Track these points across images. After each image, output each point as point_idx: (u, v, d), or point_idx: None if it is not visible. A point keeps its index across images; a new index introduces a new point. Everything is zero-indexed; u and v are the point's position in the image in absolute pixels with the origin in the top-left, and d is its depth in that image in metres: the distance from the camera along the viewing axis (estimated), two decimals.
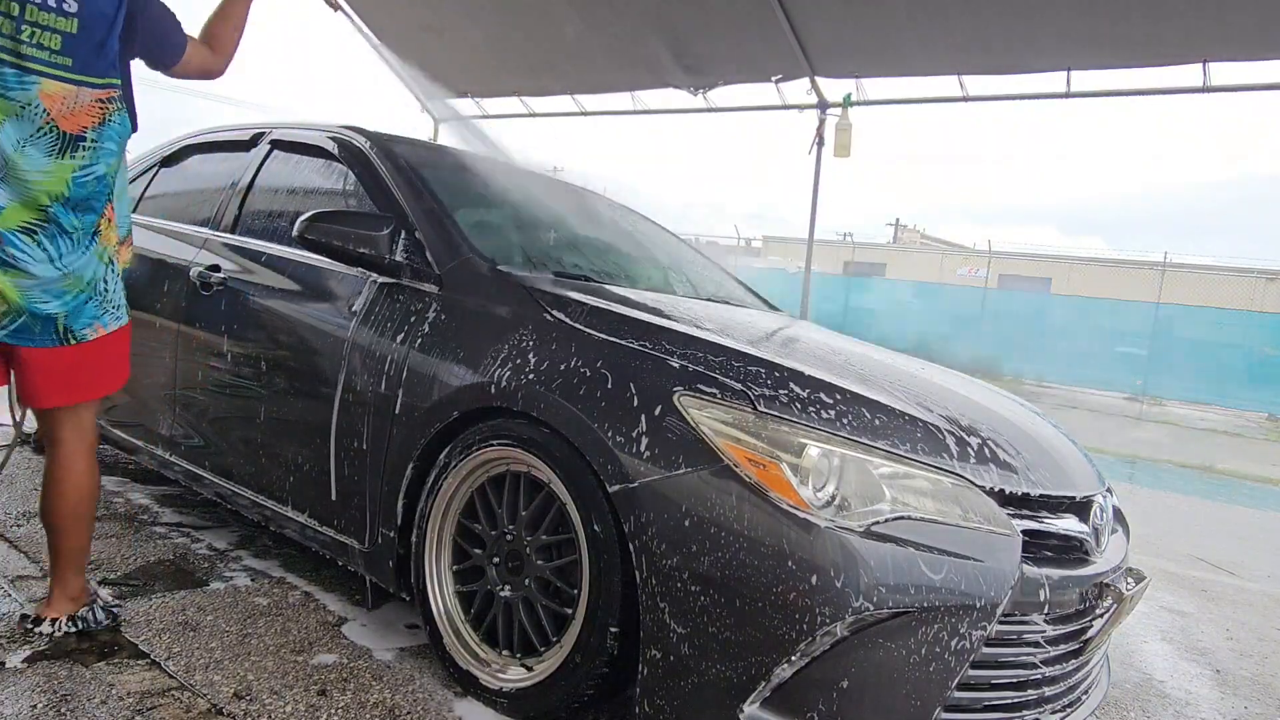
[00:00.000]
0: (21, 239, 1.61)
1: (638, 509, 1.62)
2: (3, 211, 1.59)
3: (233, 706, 1.76)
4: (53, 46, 1.58)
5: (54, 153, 1.61)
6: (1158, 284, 15.66)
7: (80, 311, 1.71)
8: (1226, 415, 14.55)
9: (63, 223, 1.63)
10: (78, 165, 1.64)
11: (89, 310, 1.73)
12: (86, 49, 1.61)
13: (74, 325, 1.71)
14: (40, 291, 1.63)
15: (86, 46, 1.60)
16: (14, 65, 1.57)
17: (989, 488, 1.69)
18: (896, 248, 30.25)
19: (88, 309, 1.72)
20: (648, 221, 3.44)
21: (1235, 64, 4.77)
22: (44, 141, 1.60)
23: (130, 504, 3.00)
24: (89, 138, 1.64)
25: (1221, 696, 2.60)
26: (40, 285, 1.63)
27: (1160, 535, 4.75)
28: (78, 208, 1.66)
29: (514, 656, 1.87)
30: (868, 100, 6.03)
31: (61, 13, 1.58)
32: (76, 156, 1.63)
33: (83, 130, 1.63)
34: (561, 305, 1.98)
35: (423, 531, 1.99)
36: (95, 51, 1.62)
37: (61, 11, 1.58)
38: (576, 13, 6.02)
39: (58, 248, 1.63)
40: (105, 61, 1.64)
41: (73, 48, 1.60)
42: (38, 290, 1.63)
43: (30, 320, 1.65)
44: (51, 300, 1.65)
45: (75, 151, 1.63)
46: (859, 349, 2.37)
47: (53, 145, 1.61)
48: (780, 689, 1.53)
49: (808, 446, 1.58)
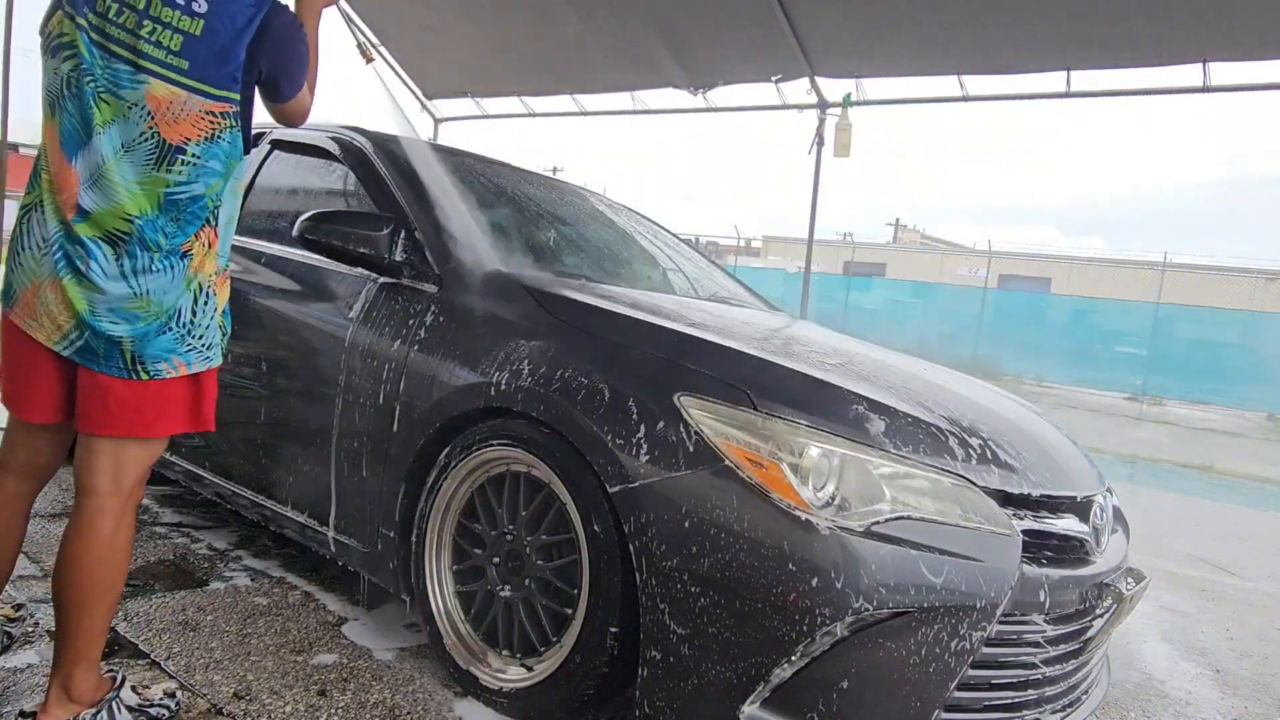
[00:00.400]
0: (101, 248, 1.44)
1: (638, 509, 1.62)
2: (89, 217, 1.44)
3: (233, 706, 1.76)
4: (172, 46, 1.44)
5: (150, 163, 1.45)
6: (1158, 284, 15.65)
7: (152, 341, 1.48)
8: (1226, 415, 14.55)
9: (147, 239, 1.46)
10: (173, 181, 1.47)
11: (163, 342, 1.50)
12: (207, 54, 1.46)
13: (143, 356, 1.48)
14: (107, 310, 1.45)
15: (208, 51, 1.46)
16: (130, 61, 1.43)
17: (989, 488, 1.69)
18: (896, 248, 30.25)
19: (162, 340, 1.49)
20: (647, 221, 3.44)
21: (1235, 64, 4.77)
22: (142, 149, 1.45)
23: None
24: (190, 151, 1.47)
25: (1222, 696, 2.60)
26: (109, 303, 1.44)
27: (1160, 535, 4.75)
28: (166, 227, 1.48)
29: (514, 656, 1.87)
30: (868, 100, 6.02)
31: (189, 11, 1.44)
32: (173, 171, 1.46)
33: (185, 142, 1.46)
34: (561, 305, 1.98)
35: (423, 531, 1.99)
36: (217, 58, 1.46)
37: (189, 10, 1.44)
38: (576, 13, 6.02)
39: (135, 264, 1.45)
40: (225, 72, 1.48)
41: (193, 50, 1.45)
42: (104, 308, 1.44)
43: (93, 339, 1.46)
44: (120, 323, 1.45)
45: (172, 165, 1.46)
46: (859, 349, 2.37)
47: (150, 154, 1.45)
48: (780, 689, 1.53)
49: (808, 446, 1.58)
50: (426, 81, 7.92)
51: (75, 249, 1.44)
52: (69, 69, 1.44)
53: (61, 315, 1.46)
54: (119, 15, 1.43)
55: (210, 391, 1.61)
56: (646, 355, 1.79)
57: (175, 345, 1.52)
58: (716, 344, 1.85)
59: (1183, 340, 15.53)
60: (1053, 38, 4.97)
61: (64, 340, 1.47)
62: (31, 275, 1.48)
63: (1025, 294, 20.18)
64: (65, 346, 1.48)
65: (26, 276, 1.48)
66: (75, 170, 1.44)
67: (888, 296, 19.46)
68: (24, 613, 1.91)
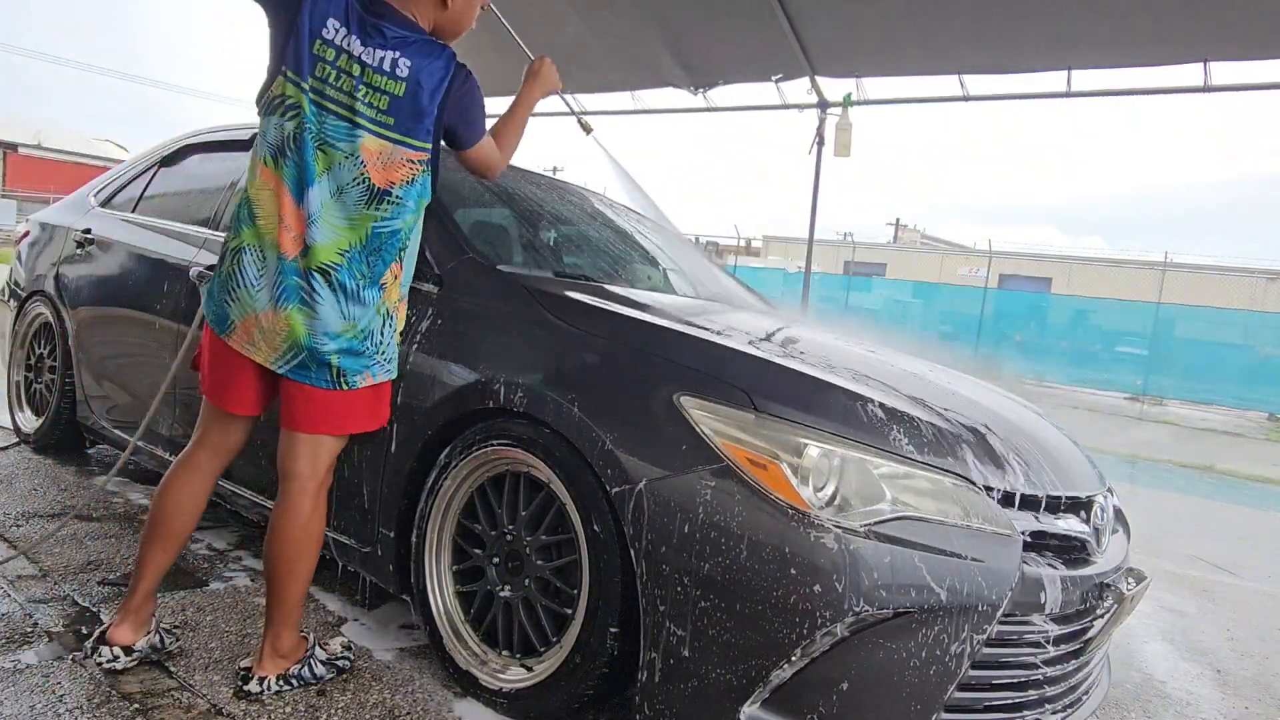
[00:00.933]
0: (316, 279, 1.69)
1: (638, 509, 1.62)
2: (313, 250, 1.68)
3: (233, 706, 1.76)
4: (380, 106, 1.70)
5: (362, 202, 1.70)
6: (1158, 284, 15.65)
7: (353, 360, 1.75)
8: (1226, 415, 14.55)
9: (355, 268, 1.71)
10: (380, 217, 1.72)
11: (360, 359, 1.76)
12: (408, 113, 1.71)
13: (346, 370, 1.74)
14: (323, 333, 1.70)
15: (409, 110, 1.71)
16: (347, 120, 1.69)
17: (990, 488, 1.68)
18: (897, 247, 30.25)
19: (360, 359, 1.76)
20: (647, 221, 3.44)
21: (1235, 64, 4.76)
22: (356, 190, 1.70)
23: (130, 504, 3.00)
24: (394, 194, 1.72)
25: (1222, 697, 2.60)
26: (324, 326, 1.70)
27: (1160, 535, 4.74)
28: (370, 257, 1.73)
29: (514, 657, 1.87)
30: (868, 100, 6.02)
31: (394, 77, 1.70)
32: (381, 209, 1.72)
33: (390, 185, 1.72)
34: (561, 305, 1.98)
35: (422, 532, 1.98)
36: (415, 116, 1.71)
37: (394, 76, 1.70)
38: (576, 13, 6.01)
39: (346, 292, 1.71)
40: (422, 127, 1.73)
41: (397, 110, 1.70)
42: (321, 332, 1.70)
43: (308, 359, 1.71)
44: (329, 342, 1.71)
45: (381, 204, 1.71)
46: (859, 349, 2.37)
47: (363, 195, 1.70)
48: (780, 689, 1.53)
49: (808, 446, 1.58)
50: None
51: (300, 281, 1.69)
52: (293, 126, 1.69)
53: (278, 339, 1.71)
54: (338, 80, 1.69)
55: (386, 395, 1.88)
56: (646, 355, 1.79)
57: (368, 362, 1.78)
58: (716, 344, 1.85)
59: (1183, 340, 15.53)
60: (1053, 38, 4.96)
61: (280, 360, 1.72)
62: (248, 308, 1.71)
63: (1025, 294, 20.17)
64: (281, 365, 1.73)
65: (244, 310, 1.72)
66: (302, 211, 1.69)
67: (888, 296, 19.46)
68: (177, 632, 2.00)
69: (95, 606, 2.13)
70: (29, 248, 3.69)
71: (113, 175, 3.66)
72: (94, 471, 3.33)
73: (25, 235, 3.79)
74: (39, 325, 3.53)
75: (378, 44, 1.70)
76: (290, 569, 1.80)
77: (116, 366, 3.07)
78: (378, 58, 1.70)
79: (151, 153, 3.52)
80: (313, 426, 1.77)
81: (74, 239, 3.37)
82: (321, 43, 1.69)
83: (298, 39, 1.68)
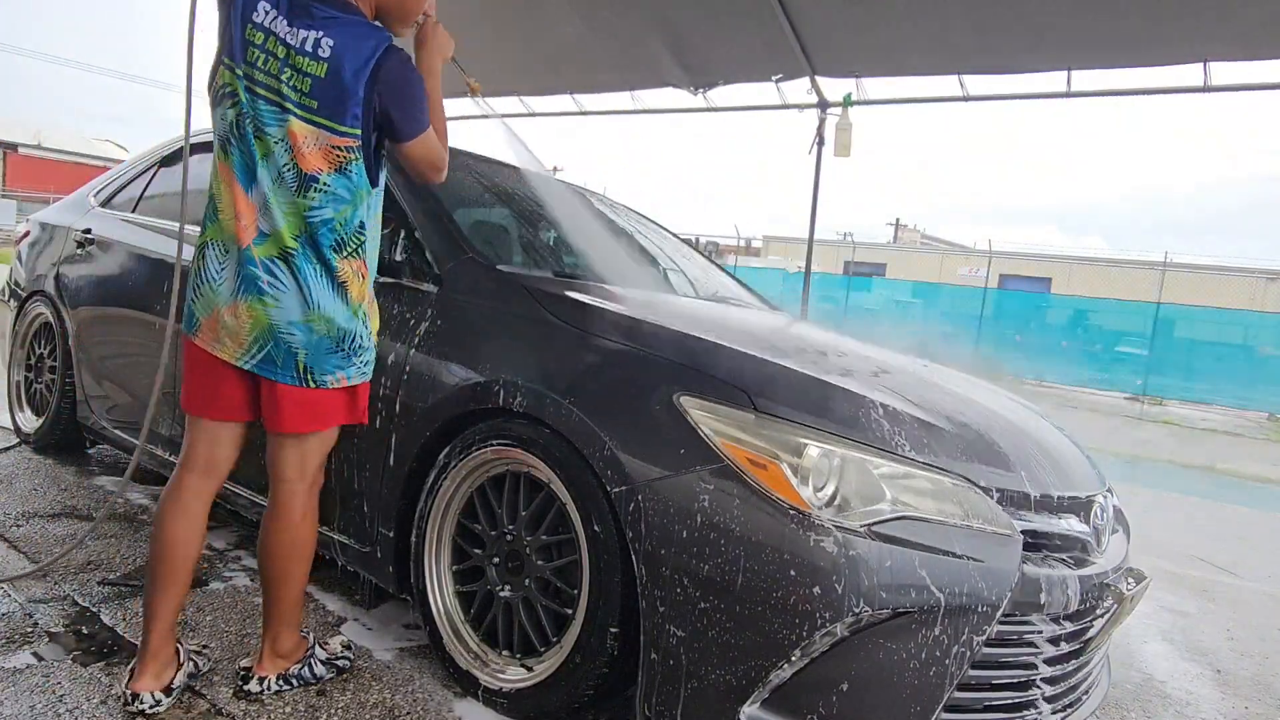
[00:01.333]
0: (277, 266, 1.67)
1: (638, 509, 1.62)
2: (265, 240, 1.66)
3: (233, 707, 1.76)
4: (303, 89, 1.65)
5: (294, 189, 1.67)
6: (1158, 284, 15.65)
7: (323, 358, 1.71)
8: (1226, 415, 14.54)
9: (303, 257, 1.68)
10: (308, 205, 1.67)
11: (333, 360, 1.72)
12: (332, 95, 1.65)
13: (314, 368, 1.71)
14: (286, 323, 1.67)
15: (332, 93, 1.65)
16: (276, 104, 1.65)
17: (989, 487, 1.68)
18: (897, 247, 30.25)
19: (332, 359, 1.72)
20: (647, 221, 3.44)
21: (1235, 64, 4.76)
22: (288, 176, 1.67)
23: (130, 504, 3.00)
24: (321, 180, 1.67)
25: (1222, 696, 2.60)
26: (287, 316, 1.67)
27: (1160, 535, 4.74)
28: (309, 245, 1.69)
29: (514, 657, 1.87)
30: (868, 100, 6.01)
31: (315, 57, 1.65)
32: (309, 196, 1.67)
33: (317, 171, 1.67)
34: (561, 305, 1.98)
35: (422, 532, 1.98)
36: (338, 99, 1.65)
37: (315, 56, 1.65)
38: (576, 13, 6.01)
39: (305, 280, 1.67)
40: (347, 111, 1.66)
41: (320, 92, 1.65)
42: (284, 321, 1.67)
43: (274, 351, 1.68)
44: (296, 334, 1.68)
45: (308, 191, 1.67)
46: (858, 348, 2.37)
47: (294, 182, 1.67)
48: (780, 690, 1.53)
49: (808, 446, 1.58)
50: None
51: (254, 270, 1.66)
52: (233, 114, 1.67)
53: (242, 333, 1.68)
54: (265, 64, 1.65)
55: (364, 393, 1.84)
56: (646, 355, 1.79)
57: (342, 363, 1.74)
58: (716, 344, 1.85)
59: (1183, 340, 15.53)
60: (1053, 38, 4.96)
61: (245, 355, 1.69)
62: (211, 304, 1.69)
63: (1025, 294, 20.17)
64: (247, 361, 1.69)
65: (207, 306, 1.69)
66: (251, 200, 1.67)
67: (888, 296, 19.46)
68: (207, 651, 1.96)
69: (95, 606, 2.13)
70: (29, 248, 3.69)
71: (113, 175, 3.66)
72: (94, 472, 3.33)
73: (25, 235, 3.79)
74: (39, 325, 3.53)
75: (303, 24, 1.65)
76: (285, 571, 1.80)
77: (117, 366, 3.07)
78: (301, 38, 1.65)
79: (151, 153, 3.52)
80: (290, 425, 1.73)
81: (74, 239, 3.37)
82: (252, 27, 1.65)
83: (232, 25, 1.67)
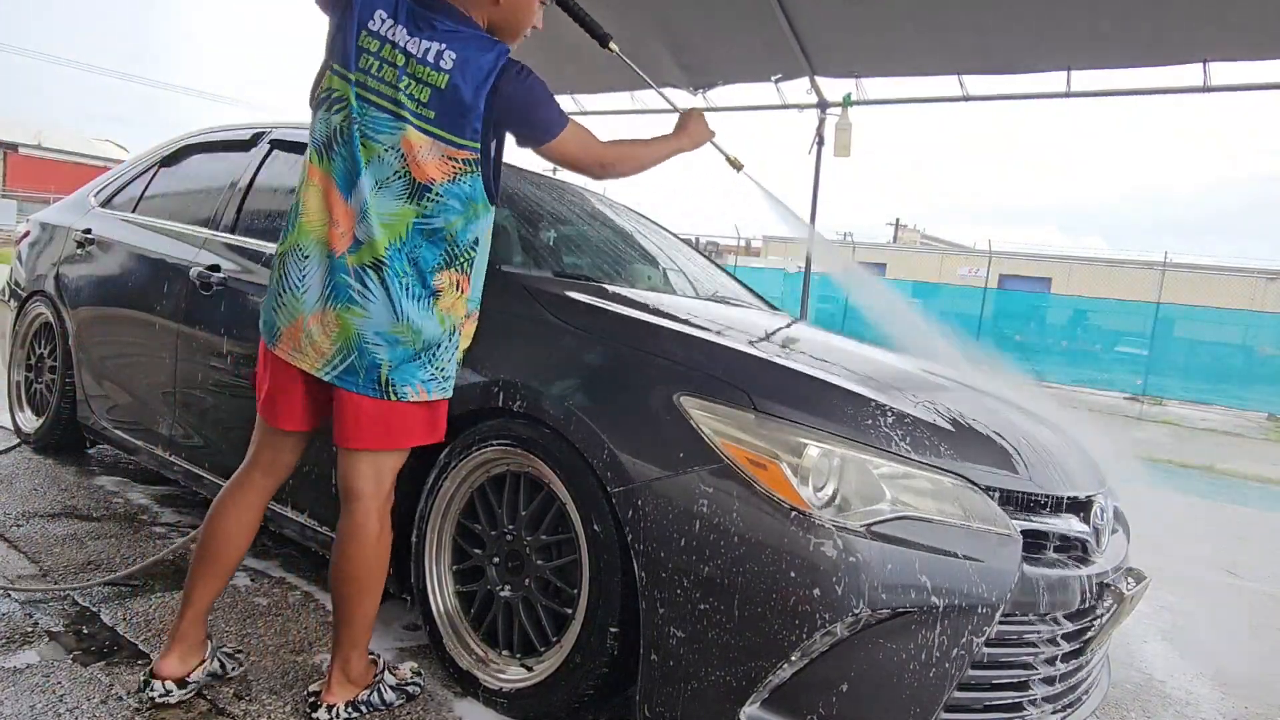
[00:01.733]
0: (369, 275, 1.63)
1: (638, 509, 1.62)
2: (359, 249, 1.63)
3: (233, 707, 1.76)
4: (421, 98, 1.63)
5: (403, 197, 1.64)
6: (1158, 284, 15.64)
7: (406, 369, 1.66)
8: (1226, 415, 14.53)
9: (397, 266, 1.63)
10: (419, 212, 1.64)
11: (414, 370, 1.67)
12: (451, 106, 1.63)
13: (395, 380, 1.65)
14: (374, 334, 1.63)
15: (451, 104, 1.63)
16: (390, 111, 1.63)
17: (989, 487, 1.68)
18: (897, 247, 30.26)
19: (414, 368, 1.67)
20: (647, 221, 3.44)
21: (1235, 64, 4.76)
22: (397, 185, 1.63)
23: (130, 504, 3.00)
24: (435, 190, 1.64)
25: (1222, 696, 2.60)
26: (375, 327, 1.63)
27: (1160, 535, 4.74)
28: (411, 255, 1.65)
29: (514, 657, 1.87)
30: (868, 100, 6.01)
31: (437, 68, 1.63)
32: (420, 204, 1.64)
33: (431, 181, 1.64)
34: (562, 305, 1.98)
35: (422, 532, 1.99)
36: (458, 111, 1.63)
37: (437, 67, 1.63)
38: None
39: (395, 292, 1.63)
40: (466, 124, 1.64)
41: (439, 102, 1.63)
42: (371, 332, 1.63)
43: (357, 362, 1.63)
44: (382, 345, 1.63)
45: (421, 199, 1.64)
46: (858, 349, 2.37)
47: (403, 190, 1.64)
48: (780, 690, 1.53)
49: (807, 446, 1.58)
50: None
51: (346, 278, 1.63)
52: (339, 120, 1.65)
53: (325, 343, 1.65)
54: (380, 71, 1.64)
55: (443, 410, 1.78)
56: (647, 355, 1.79)
57: (424, 377, 1.69)
58: (717, 344, 1.85)
59: (1183, 340, 15.52)
60: (1053, 38, 4.96)
61: (327, 365, 1.65)
62: (294, 313, 1.66)
63: (1025, 294, 20.17)
64: (329, 372, 1.65)
65: (289, 316, 1.67)
66: (350, 207, 1.64)
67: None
68: (240, 656, 1.95)
69: (95, 606, 2.13)
70: (29, 248, 3.69)
71: (113, 175, 3.66)
72: (94, 472, 3.33)
73: (25, 235, 3.79)
74: (39, 325, 3.53)
75: (426, 36, 1.64)
76: (360, 590, 1.73)
77: (117, 366, 3.07)
78: (423, 49, 1.63)
79: (151, 153, 3.52)
80: (367, 439, 1.69)
81: (74, 239, 3.37)
82: (367, 34, 1.65)
83: (345, 32, 1.66)
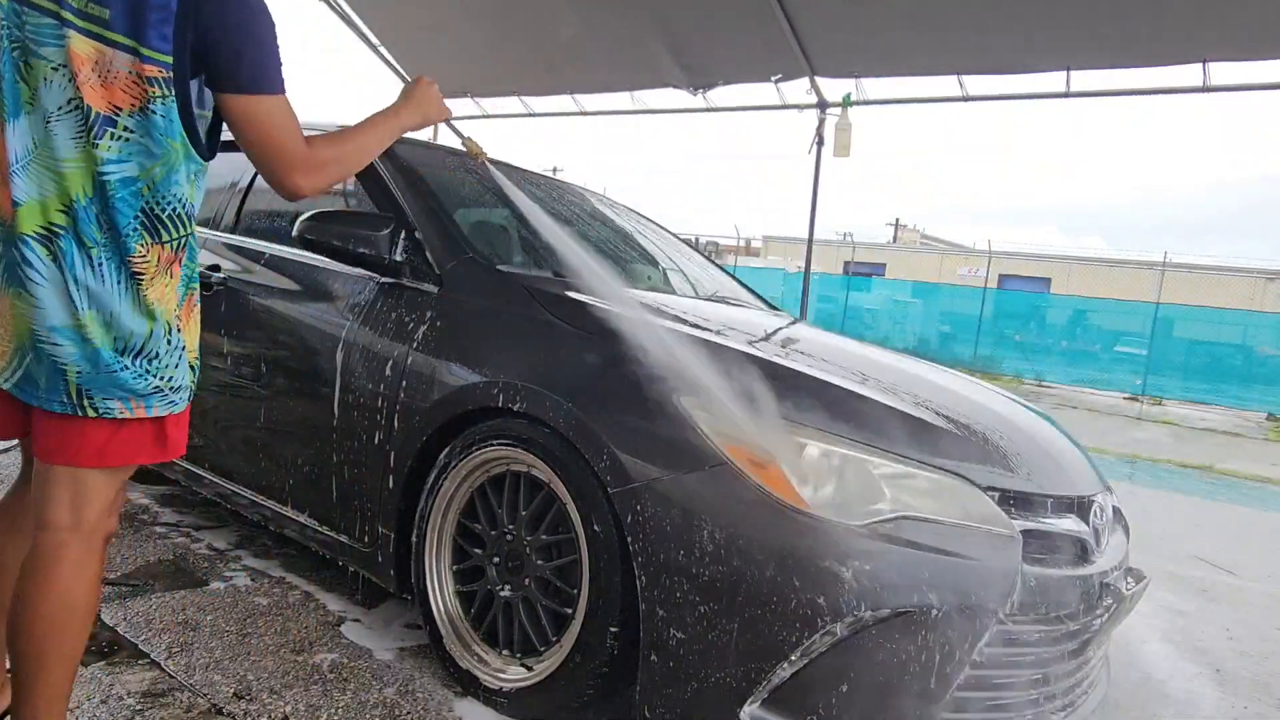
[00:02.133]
0: (36, 249, 1.17)
1: (638, 509, 1.62)
2: (20, 209, 1.17)
3: (233, 706, 1.76)
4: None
5: (79, 135, 1.17)
6: (1158, 284, 15.65)
7: (105, 378, 1.21)
8: (1226, 415, 14.53)
9: (83, 231, 1.19)
10: (102, 157, 1.18)
11: (122, 381, 1.22)
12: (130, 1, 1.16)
13: (92, 392, 1.21)
14: (47, 329, 1.19)
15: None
16: (53, 14, 1.16)
17: (989, 487, 1.69)
18: (896, 248, 30.27)
19: (120, 379, 1.22)
20: (647, 221, 3.44)
21: (1235, 64, 4.77)
22: (70, 119, 1.17)
23: (130, 504, 3.00)
24: (121, 123, 1.18)
25: (1222, 696, 2.60)
26: (48, 320, 1.19)
27: (1160, 535, 4.74)
28: (102, 215, 1.20)
29: (514, 656, 1.87)
30: (868, 100, 6.02)
31: None
32: (102, 144, 1.17)
33: (115, 111, 1.17)
34: (562, 305, 1.98)
35: (423, 531, 1.99)
36: (139, 7, 1.16)
37: None
38: (576, 13, 6.02)
39: (74, 270, 1.18)
40: (152, 26, 1.16)
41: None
42: (44, 327, 1.19)
43: (34, 366, 1.20)
44: (62, 343, 1.18)
45: (101, 137, 1.17)
46: (858, 349, 2.38)
47: (78, 125, 1.17)
48: (780, 689, 1.53)
49: (807, 446, 1.58)
50: None
51: (16, 253, 1.19)
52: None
53: (4, 339, 1.23)
54: None
55: (176, 425, 1.33)
56: (647, 355, 1.79)
57: (136, 385, 1.24)
58: (717, 344, 1.85)
59: (1182, 340, 15.53)
60: (1053, 38, 4.97)
61: (5, 370, 1.24)
62: None
63: (1025, 294, 20.17)
64: (6, 379, 1.24)
65: None
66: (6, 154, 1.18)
67: (888, 296, 19.46)
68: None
69: None
70: None
71: None
72: None
73: None
74: None
75: None
76: (45, 649, 1.25)
77: None
78: None
79: None
80: (61, 455, 1.25)
81: None
82: None
83: None
